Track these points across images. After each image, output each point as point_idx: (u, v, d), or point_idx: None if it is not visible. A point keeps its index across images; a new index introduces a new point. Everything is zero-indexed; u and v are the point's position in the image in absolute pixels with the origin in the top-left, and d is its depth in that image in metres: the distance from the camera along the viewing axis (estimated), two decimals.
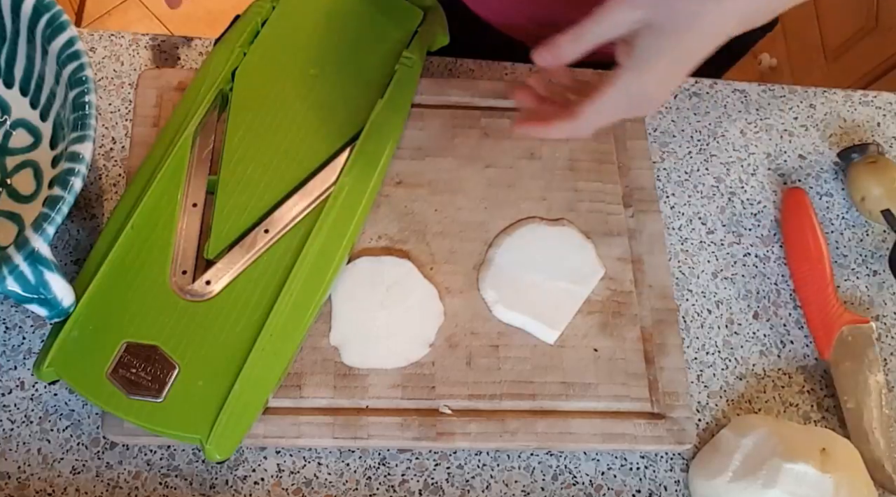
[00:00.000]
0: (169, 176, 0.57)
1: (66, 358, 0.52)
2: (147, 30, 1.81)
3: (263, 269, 0.56)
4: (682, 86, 0.71)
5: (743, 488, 0.54)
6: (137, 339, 0.53)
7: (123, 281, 0.54)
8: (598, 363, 0.58)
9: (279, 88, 0.62)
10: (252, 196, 0.58)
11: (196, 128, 0.59)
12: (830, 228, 0.68)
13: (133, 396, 0.51)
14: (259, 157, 0.59)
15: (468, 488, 0.56)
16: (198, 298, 0.54)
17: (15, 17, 0.55)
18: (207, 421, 0.51)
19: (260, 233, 0.57)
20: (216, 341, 0.53)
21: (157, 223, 0.56)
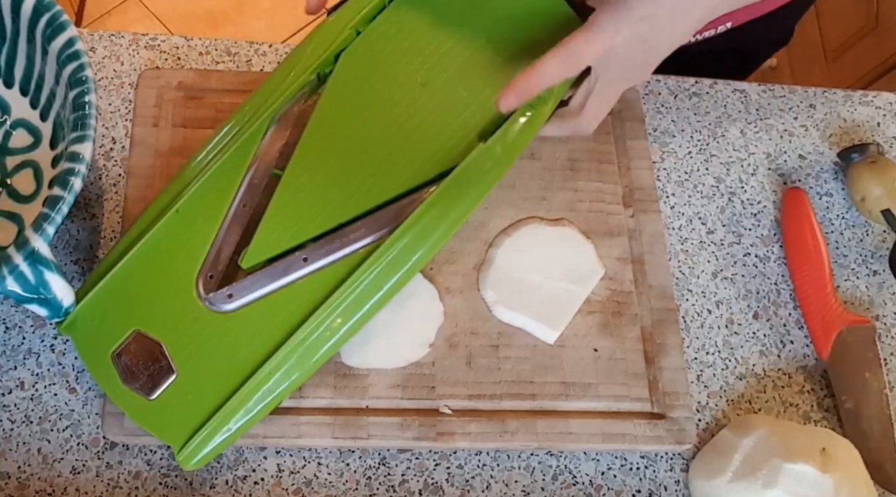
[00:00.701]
0: (230, 164, 0.53)
1: (84, 323, 0.52)
2: (147, 30, 1.81)
3: (287, 299, 0.51)
4: (682, 86, 0.71)
5: (743, 488, 0.54)
6: (147, 331, 0.52)
7: (154, 266, 0.53)
8: (598, 363, 0.58)
9: (379, 89, 0.54)
10: (304, 215, 0.52)
11: (274, 114, 0.53)
12: (830, 228, 0.68)
13: (127, 385, 0.51)
14: (330, 166, 0.53)
15: (468, 488, 0.56)
16: (214, 309, 0.52)
17: (15, 17, 0.55)
18: (184, 434, 0.50)
19: (297, 260, 0.52)
20: (219, 359, 0.51)
21: (203, 214, 0.53)
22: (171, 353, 0.51)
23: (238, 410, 0.50)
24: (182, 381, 0.51)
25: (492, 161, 0.52)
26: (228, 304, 0.52)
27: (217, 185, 0.53)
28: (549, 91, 0.52)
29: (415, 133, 0.54)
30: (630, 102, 0.67)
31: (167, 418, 0.51)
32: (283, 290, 0.52)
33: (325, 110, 0.54)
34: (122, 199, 0.61)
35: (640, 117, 0.67)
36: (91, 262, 0.59)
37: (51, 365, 0.56)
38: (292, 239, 0.52)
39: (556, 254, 0.60)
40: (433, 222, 0.51)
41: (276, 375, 0.50)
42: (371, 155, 0.53)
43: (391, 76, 0.55)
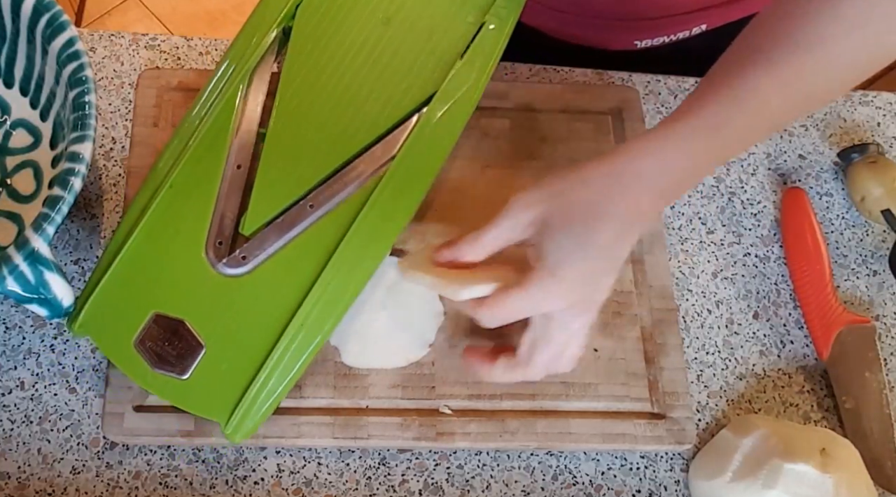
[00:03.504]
0: (215, 130, 0.52)
1: (98, 318, 0.51)
2: (147, 30, 1.81)
3: (303, 249, 0.51)
4: (682, 86, 0.71)
5: (743, 489, 0.54)
6: (166, 311, 0.50)
7: (159, 245, 0.51)
8: (598, 363, 0.58)
9: (343, 34, 0.55)
10: (299, 165, 0.52)
11: (249, 73, 0.53)
12: (830, 228, 0.68)
13: (157, 370, 0.50)
14: (311, 118, 0.53)
15: (468, 488, 0.56)
16: (231, 274, 0.51)
17: (15, 17, 0.55)
18: (228, 405, 0.50)
19: (304, 208, 0.52)
20: (245, 323, 0.51)
21: (199, 183, 0.52)
22: (196, 327, 0.50)
23: (276, 370, 0.50)
24: (213, 353, 0.50)
25: (474, 74, 0.54)
26: (243, 266, 0.51)
27: (206, 152, 0.52)
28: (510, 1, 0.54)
29: (388, 68, 0.55)
30: (630, 102, 0.67)
31: (206, 394, 0.50)
32: (296, 241, 0.52)
33: (295, 63, 0.54)
34: (122, 199, 0.61)
35: (640, 117, 0.66)
36: (91, 262, 0.59)
37: (51, 365, 0.56)
38: (289, 195, 0.52)
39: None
40: (434, 140, 0.52)
41: (306, 325, 0.50)
42: (350, 97, 0.54)
43: (352, 20, 0.56)
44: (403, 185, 0.52)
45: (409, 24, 0.55)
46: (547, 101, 0.65)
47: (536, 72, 0.69)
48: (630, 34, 0.73)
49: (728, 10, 0.71)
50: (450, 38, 0.55)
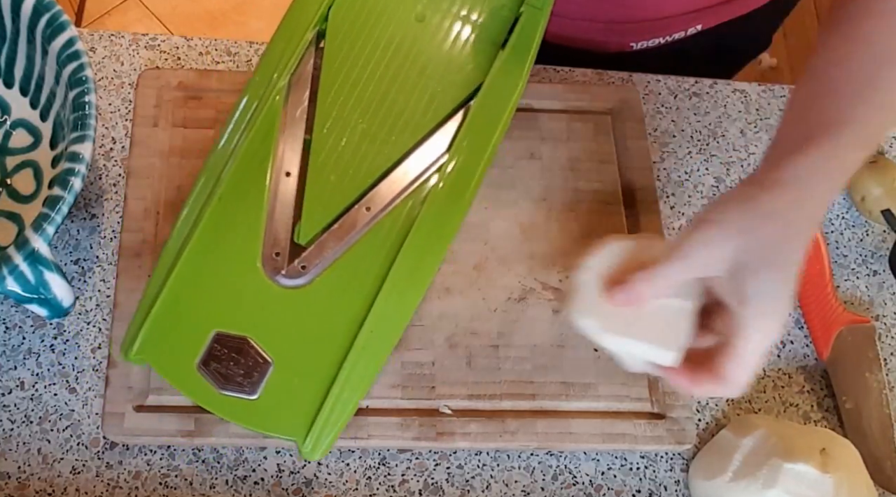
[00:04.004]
0: (260, 138, 0.51)
1: (154, 344, 0.48)
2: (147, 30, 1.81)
3: (364, 253, 0.50)
4: (682, 86, 0.71)
5: (743, 488, 0.54)
6: (227, 330, 0.48)
7: (212, 261, 0.49)
8: (598, 363, 0.58)
9: (378, 34, 0.54)
10: (349, 168, 0.51)
11: (289, 78, 0.52)
12: (830, 228, 0.68)
13: (225, 392, 0.47)
14: (355, 119, 0.52)
15: (468, 488, 0.56)
16: (291, 286, 0.49)
17: (15, 17, 0.55)
18: (304, 422, 0.48)
19: (360, 211, 0.50)
20: (312, 335, 0.49)
21: (247, 195, 0.50)
22: (261, 343, 0.48)
23: (350, 380, 0.48)
24: (281, 368, 0.48)
25: (517, 63, 0.53)
26: (303, 276, 0.50)
27: (252, 162, 0.51)
28: None
29: (428, 65, 0.54)
30: (630, 102, 0.67)
31: (279, 412, 0.48)
32: (355, 245, 0.50)
33: (333, 65, 0.53)
34: (122, 199, 0.61)
35: (640, 117, 0.67)
36: (91, 261, 0.59)
37: (51, 365, 0.56)
38: (343, 200, 0.51)
39: (643, 266, 0.52)
40: (485, 129, 0.52)
41: (378, 332, 0.48)
42: (393, 96, 0.53)
43: (386, 19, 0.55)
44: (459, 178, 0.51)
45: (444, 19, 0.55)
46: (547, 101, 0.65)
47: (536, 72, 0.69)
48: (626, 36, 0.73)
49: (722, 10, 0.71)
50: (487, 29, 0.55)
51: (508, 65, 0.53)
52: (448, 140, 0.52)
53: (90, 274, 0.59)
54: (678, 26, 0.71)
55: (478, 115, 0.52)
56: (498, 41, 0.55)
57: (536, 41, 0.55)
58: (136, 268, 0.57)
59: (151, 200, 0.59)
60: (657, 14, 0.70)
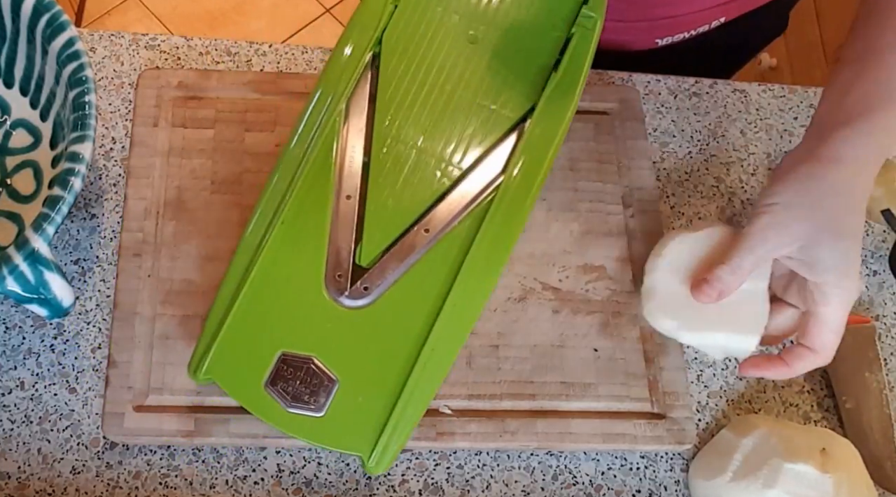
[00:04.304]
0: (320, 162, 0.52)
1: (223, 363, 0.50)
2: (147, 30, 1.81)
3: (424, 273, 0.51)
4: (682, 86, 0.71)
5: (743, 488, 0.54)
6: (293, 350, 0.50)
7: (277, 283, 0.51)
8: (598, 363, 0.58)
9: (432, 56, 0.55)
10: (407, 191, 0.52)
11: (345, 102, 0.53)
12: None
13: (292, 410, 0.49)
14: (411, 141, 0.53)
15: (468, 488, 0.56)
16: (354, 306, 0.51)
17: (15, 17, 0.55)
18: (369, 437, 0.49)
19: (419, 232, 0.52)
20: (375, 354, 0.50)
21: (309, 218, 0.51)
22: (326, 362, 0.50)
23: (413, 397, 0.49)
24: (347, 386, 0.49)
25: (569, 85, 0.55)
26: (366, 297, 0.51)
27: (313, 185, 0.52)
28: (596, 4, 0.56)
29: (481, 87, 0.55)
30: (630, 102, 0.67)
31: (345, 428, 0.49)
32: (415, 267, 0.52)
33: (388, 88, 0.54)
34: (122, 199, 0.61)
35: (640, 117, 0.67)
36: (91, 261, 0.59)
37: (51, 365, 0.56)
38: (402, 222, 0.52)
39: (713, 258, 0.54)
40: (539, 149, 0.53)
41: (438, 349, 0.50)
42: (448, 118, 0.54)
43: (439, 42, 0.56)
44: (514, 199, 0.53)
45: (496, 41, 0.56)
46: None
47: None
48: (652, 33, 0.73)
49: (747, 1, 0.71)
50: (539, 51, 0.56)
51: (560, 87, 0.55)
52: (503, 161, 0.54)
53: (90, 274, 0.59)
54: (704, 19, 0.72)
55: (532, 136, 0.54)
56: (549, 62, 0.56)
57: (588, 62, 0.56)
58: (136, 268, 0.57)
59: (151, 200, 0.59)
60: (686, 9, 0.70)
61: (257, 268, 0.51)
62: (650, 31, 0.73)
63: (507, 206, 0.52)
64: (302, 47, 0.69)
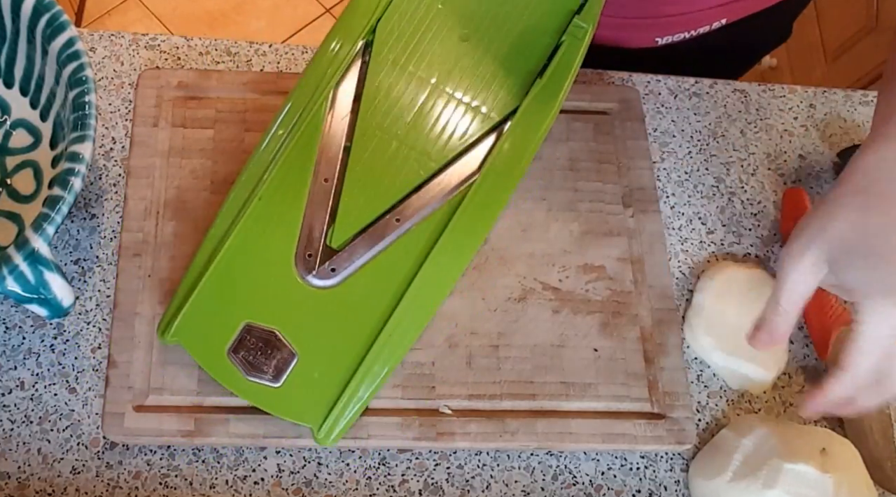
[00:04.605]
0: (302, 144, 0.54)
1: (190, 328, 0.52)
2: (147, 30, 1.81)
3: (391, 261, 0.54)
4: (682, 86, 0.71)
5: (743, 488, 0.54)
6: (258, 322, 0.52)
7: (249, 257, 0.53)
8: (598, 363, 0.58)
9: (422, 50, 0.57)
10: (384, 179, 0.54)
11: (333, 87, 0.55)
12: None
13: (251, 378, 0.52)
14: (393, 132, 0.55)
15: (468, 488, 0.56)
16: (320, 286, 0.53)
17: (15, 17, 0.55)
18: (321, 411, 0.52)
19: (391, 221, 0.54)
20: (336, 333, 0.53)
21: (287, 196, 0.54)
22: (288, 337, 0.52)
23: (366, 377, 0.52)
24: (305, 361, 0.52)
25: (552, 92, 0.56)
26: (333, 278, 0.53)
27: (294, 165, 0.54)
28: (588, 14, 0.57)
29: (468, 85, 0.57)
30: (630, 102, 0.67)
31: (299, 401, 0.52)
32: (383, 254, 0.54)
33: (377, 77, 0.56)
34: (122, 199, 0.61)
35: (640, 117, 0.67)
36: (91, 262, 0.59)
37: (51, 365, 0.56)
38: (376, 209, 0.54)
39: (754, 296, 0.60)
40: (516, 151, 0.55)
41: (395, 335, 0.52)
42: (431, 112, 0.56)
43: (431, 37, 0.57)
44: (486, 198, 0.54)
45: (488, 42, 0.57)
46: None
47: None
48: (652, 31, 0.73)
49: (750, 3, 0.71)
50: (527, 56, 0.57)
51: (544, 93, 0.56)
52: (479, 160, 0.56)
53: (90, 274, 0.59)
54: (705, 20, 0.72)
55: (509, 138, 0.55)
56: (536, 68, 0.57)
57: (573, 72, 0.57)
58: (135, 268, 0.57)
59: (151, 200, 0.59)
60: (688, 8, 0.70)
61: (232, 239, 0.53)
62: (649, 29, 0.73)
63: (478, 204, 0.54)
64: (302, 47, 0.69)
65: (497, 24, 0.58)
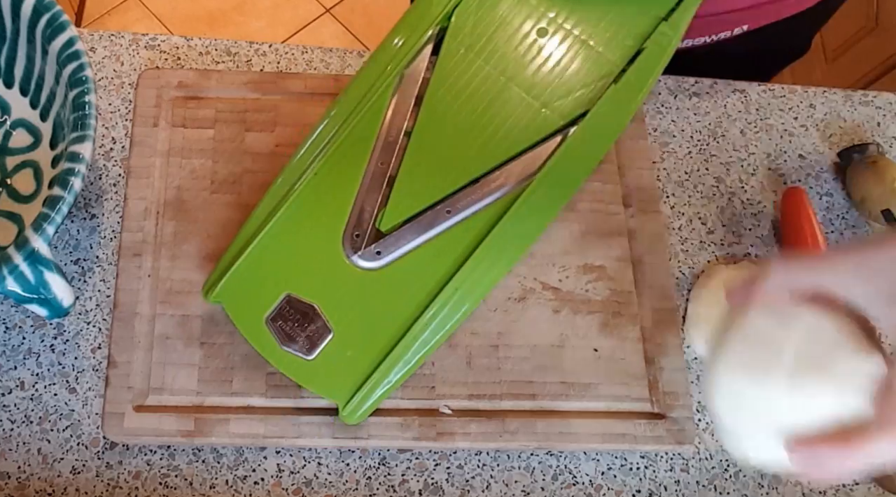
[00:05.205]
0: (363, 125, 0.54)
1: (233, 291, 0.53)
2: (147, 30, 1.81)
3: (436, 251, 0.54)
4: (682, 86, 0.71)
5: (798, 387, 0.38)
6: (299, 294, 0.53)
7: (298, 230, 0.54)
8: (598, 363, 0.58)
9: (497, 42, 0.55)
10: (440, 169, 0.54)
11: (401, 71, 0.55)
12: (830, 228, 0.68)
13: (285, 348, 0.52)
14: (457, 123, 0.54)
15: (468, 488, 0.56)
16: (365, 267, 0.53)
17: (15, 17, 0.55)
18: (348, 389, 0.52)
19: (441, 212, 0.54)
20: (373, 314, 0.53)
21: (342, 175, 0.54)
22: (326, 313, 0.52)
23: (398, 362, 0.52)
24: (340, 338, 0.52)
25: (626, 101, 0.54)
26: (377, 260, 0.53)
27: (353, 145, 0.54)
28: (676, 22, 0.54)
29: (539, 82, 0.56)
30: None
31: (328, 376, 0.52)
32: (430, 243, 0.54)
33: (447, 65, 0.56)
34: (122, 199, 0.61)
35: (640, 117, 0.67)
36: (91, 262, 0.59)
37: (51, 365, 0.56)
38: (428, 197, 0.54)
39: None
40: (576, 162, 0.53)
41: (432, 325, 0.52)
42: (498, 107, 0.55)
43: (508, 28, 0.56)
44: (540, 202, 0.54)
45: (565, 40, 0.56)
46: None
47: None
48: None
49: (774, 8, 0.71)
50: (605, 59, 0.55)
51: (617, 99, 0.54)
52: (539, 162, 0.54)
53: (90, 274, 0.59)
54: (727, 25, 0.71)
55: (574, 144, 0.53)
56: (613, 73, 0.55)
57: (651, 81, 0.55)
58: (136, 268, 0.57)
59: (151, 200, 0.59)
60: (711, 10, 0.70)
61: (283, 211, 0.53)
62: None
63: (532, 207, 0.53)
64: (302, 47, 0.69)
65: (578, 22, 0.56)
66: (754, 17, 0.71)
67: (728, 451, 0.50)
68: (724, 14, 0.70)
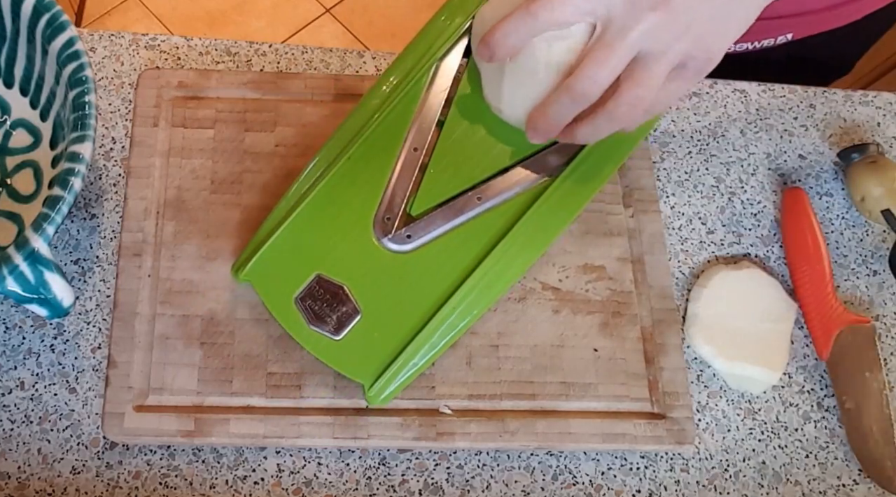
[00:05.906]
0: (399, 110, 0.56)
1: (263, 270, 0.54)
2: (147, 30, 1.81)
3: (465, 237, 0.55)
4: None
5: None
6: (329, 275, 0.54)
7: (330, 211, 0.55)
8: (598, 363, 0.58)
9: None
10: (472, 157, 0.55)
11: (438, 59, 0.56)
12: (830, 228, 0.68)
13: (313, 327, 0.53)
14: (489, 112, 0.54)
15: (468, 488, 0.56)
16: (394, 250, 0.54)
17: (15, 17, 0.55)
18: (374, 371, 0.53)
19: (472, 199, 0.55)
20: (402, 297, 0.54)
21: (375, 159, 0.55)
22: (355, 294, 0.53)
23: (424, 346, 0.53)
24: (368, 320, 0.53)
25: None
26: (407, 244, 0.54)
27: (387, 130, 0.56)
28: None
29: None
30: None
31: (355, 357, 0.53)
32: (459, 229, 0.55)
33: None
34: (122, 199, 0.61)
35: None
36: (91, 262, 0.59)
37: (51, 365, 0.56)
38: (460, 184, 0.55)
39: (750, 297, 0.61)
40: (606, 154, 0.55)
41: (459, 309, 0.53)
42: None
43: None
44: (570, 193, 0.55)
45: None
46: None
47: None
48: None
49: (819, 18, 0.70)
50: None
51: None
52: (570, 155, 0.56)
53: (90, 274, 0.59)
54: (771, 32, 0.71)
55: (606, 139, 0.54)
56: None
57: None
58: (135, 268, 0.57)
59: (151, 200, 0.59)
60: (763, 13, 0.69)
61: (316, 192, 0.55)
62: None
63: (560, 198, 0.55)
64: (302, 47, 0.69)
65: None
66: (798, 26, 0.70)
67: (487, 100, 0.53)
68: (767, 20, 0.70)
